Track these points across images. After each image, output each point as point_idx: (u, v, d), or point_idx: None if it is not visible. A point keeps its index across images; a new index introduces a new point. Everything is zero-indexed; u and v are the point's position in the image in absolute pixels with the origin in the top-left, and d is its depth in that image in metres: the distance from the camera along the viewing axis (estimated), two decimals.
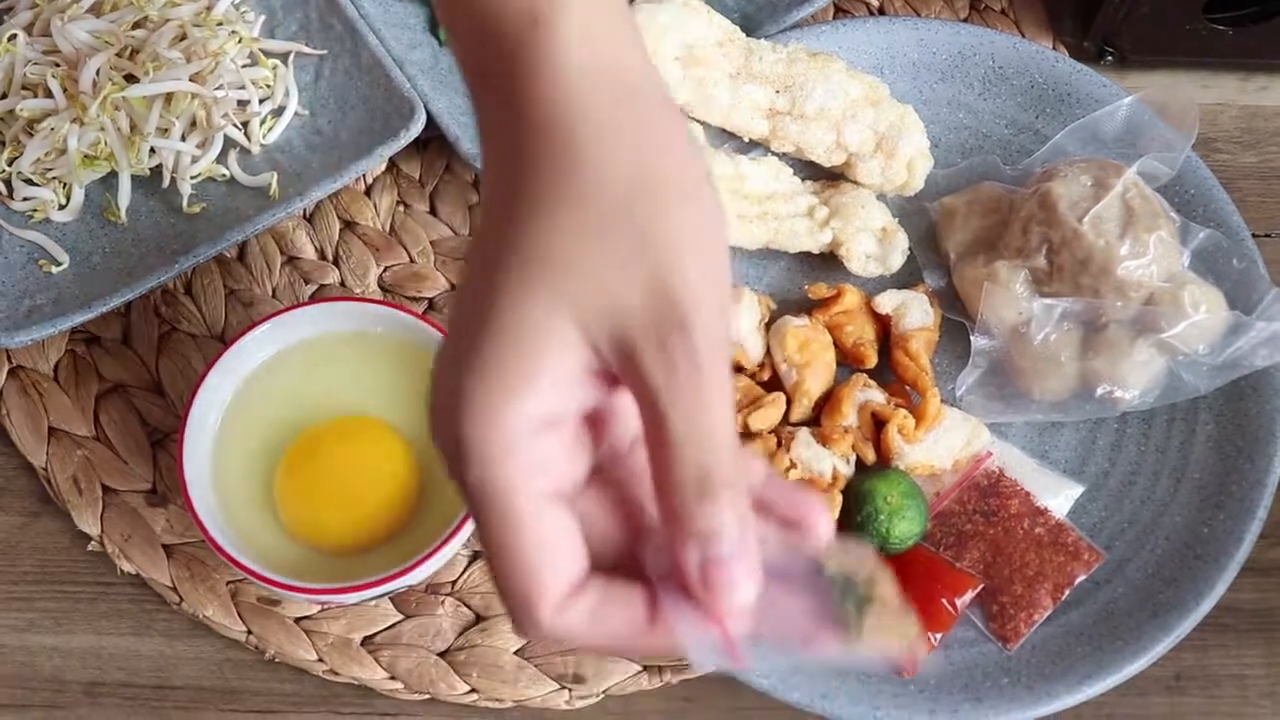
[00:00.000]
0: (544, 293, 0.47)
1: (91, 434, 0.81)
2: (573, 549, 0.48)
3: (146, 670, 0.77)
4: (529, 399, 0.47)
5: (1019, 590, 0.74)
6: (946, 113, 0.86)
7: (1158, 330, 0.75)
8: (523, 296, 0.47)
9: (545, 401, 0.47)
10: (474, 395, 0.47)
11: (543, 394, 0.47)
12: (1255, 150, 0.90)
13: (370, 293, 0.85)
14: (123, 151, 0.83)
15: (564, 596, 0.48)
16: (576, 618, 0.48)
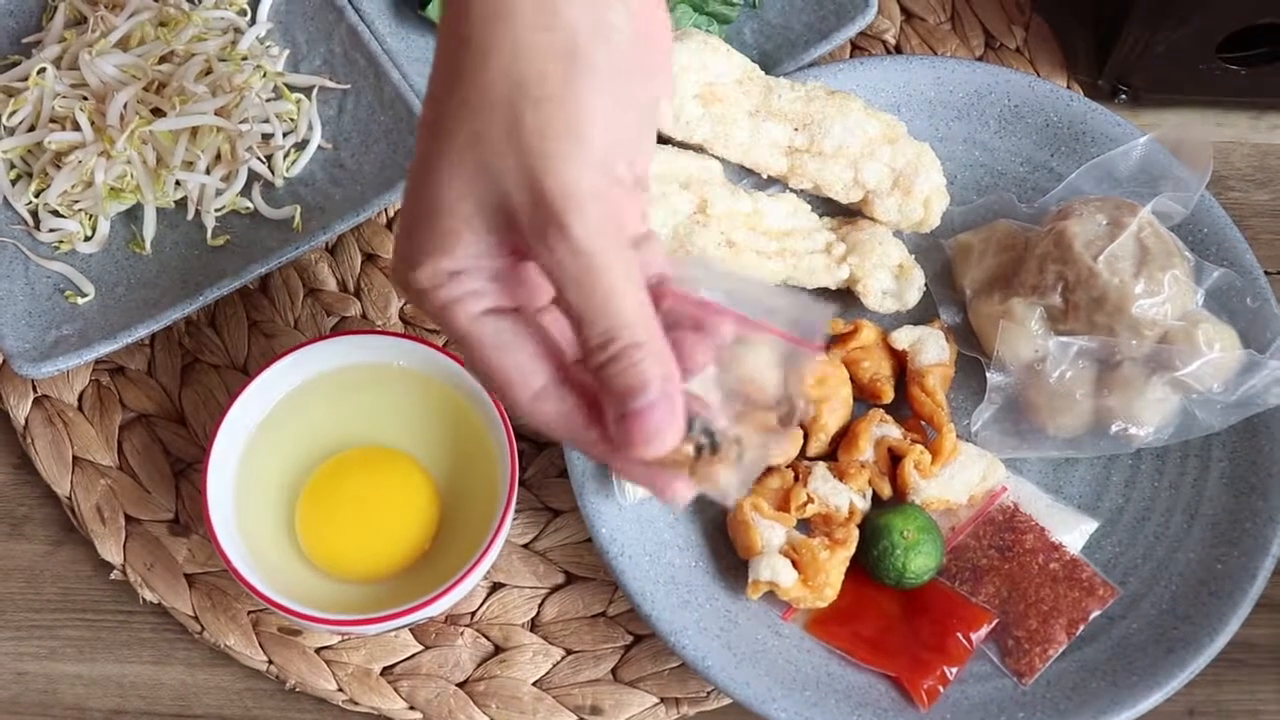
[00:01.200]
0: (446, 170, 0.54)
1: (115, 464, 0.82)
2: (527, 348, 0.56)
3: (168, 699, 0.77)
4: (441, 259, 0.54)
5: (1034, 625, 0.75)
6: (963, 151, 0.87)
7: (1172, 368, 0.76)
8: (433, 171, 0.54)
9: (457, 260, 0.54)
10: (402, 253, 0.55)
11: (454, 255, 0.54)
12: (1268, 189, 0.90)
13: (391, 325, 0.85)
14: (149, 184, 0.84)
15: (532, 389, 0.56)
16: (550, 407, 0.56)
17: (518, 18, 0.53)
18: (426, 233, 0.55)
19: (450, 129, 0.54)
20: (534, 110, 0.52)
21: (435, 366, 0.78)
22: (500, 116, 0.53)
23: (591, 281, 0.52)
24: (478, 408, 0.77)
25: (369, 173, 0.86)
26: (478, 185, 0.53)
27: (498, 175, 0.53)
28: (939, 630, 0.74)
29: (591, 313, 0.53)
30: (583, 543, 0.80)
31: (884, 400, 0.79)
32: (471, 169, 0.53)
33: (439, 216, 0.54)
